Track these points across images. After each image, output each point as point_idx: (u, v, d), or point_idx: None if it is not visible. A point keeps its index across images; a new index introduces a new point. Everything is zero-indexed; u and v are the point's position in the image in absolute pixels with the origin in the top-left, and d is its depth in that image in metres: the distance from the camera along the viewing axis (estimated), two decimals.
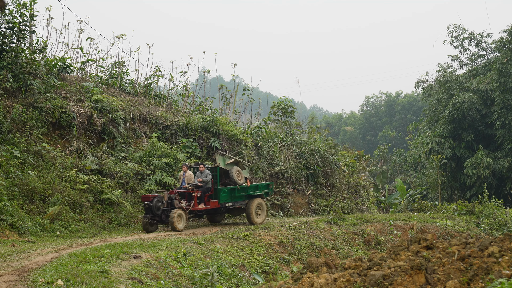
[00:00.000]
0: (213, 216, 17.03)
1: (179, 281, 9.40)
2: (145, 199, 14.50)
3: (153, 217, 14.45)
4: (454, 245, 6.45)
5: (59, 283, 7.52)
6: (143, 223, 14.51)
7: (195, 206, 15.26)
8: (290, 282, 6.88)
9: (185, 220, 14.72)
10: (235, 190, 16.18)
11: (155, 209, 14.40)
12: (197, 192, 15.32)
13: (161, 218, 14.57)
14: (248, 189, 16.48)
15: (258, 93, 55.11)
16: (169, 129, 21.29)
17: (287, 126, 26.59)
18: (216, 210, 16.20)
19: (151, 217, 14.40)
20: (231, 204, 16.20)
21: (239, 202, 16.43)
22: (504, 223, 20.37)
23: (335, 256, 14.58)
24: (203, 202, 15.48)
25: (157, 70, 24.89)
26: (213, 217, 17.09)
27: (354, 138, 67.02)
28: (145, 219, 14.41)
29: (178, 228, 14.40)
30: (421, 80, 36.12)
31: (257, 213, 16.45)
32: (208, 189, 15.63)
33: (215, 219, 17.17)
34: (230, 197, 16.13)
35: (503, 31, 31.65)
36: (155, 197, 14.48)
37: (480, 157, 28.95)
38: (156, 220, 14.55)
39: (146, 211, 14.48)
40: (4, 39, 18.00)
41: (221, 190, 15.86)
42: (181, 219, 14.59)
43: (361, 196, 26.36)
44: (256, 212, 16.36)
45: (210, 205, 15.61)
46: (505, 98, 29.56)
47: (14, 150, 15.23)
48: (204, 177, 15.50)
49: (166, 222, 14.61)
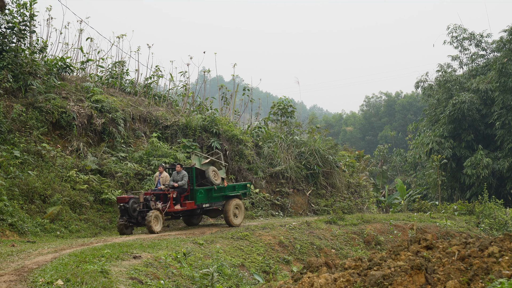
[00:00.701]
0: (189, 219, 16.39)
1: (179, 281, 9.40)
2: (121, 200, 13.95)
3: (129, 219, 13.90)
4: (454, 245, 6.45)
5: (59, 283, 7.52)
6: (118, 226, 13.96)
7: (171, 207, 14.69)
8: (290, 282, 6.88)
9: (161, 221, 14.27)
10: (212, 190, 15.64)
11: (131, 210, 13.85)
12: (173, 193, 14.75)
13: (137, 220, 14.01)
14: (225, 190, 15.96)
15: (258, 93, 55.12)
16: (169, 129, 21.29)
17: (287, 126, 26.59)
18: (193, 212, 15.65)
19: (127, 219, 13.86)
20: (208, 205, 15.65)
21: (216, 203, 15.87)
22: (504, 223, 20.38)
23: (335, 256, 14.58)
24: (179, 203, 14.94)
25: (157, 70, 24.92)
26: (189, 219, 16.42)
27: (354, 138, 67.03)
28: (121, 221, 13.83)
29: (155, 230, 13.87)
30: (421, 80, 36.14)
31: (235, 214, 15.90)
32: (184, 190, 15.08)
33: (192, 222, 16.47)
34: (207, 198, 15.57)
35: (503, 31, 31.69)
36: (131, 198, 13.92)
37: (480, 157, 28.96)
38: (132, 222, 14.00)
39: (122, 213, 13.90)
40: (4, 39, 18.00)
41: (198, 191, 15.30)
42: (157, 220, 14.08)
43: (361, 196, 26.37)
44: (234, 213, 15.81)
45: (187, 206, 15.02)
46: (505, 98, 29.57)
47: (14, 150, 15.23)
48: (180, 177, 14.95)
49: (142, 224, 14.09)
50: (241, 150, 22.04)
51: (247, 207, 20.24)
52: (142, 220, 14.00)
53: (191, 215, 16.09)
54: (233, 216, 15.79)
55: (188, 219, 16.38)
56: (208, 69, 29.06)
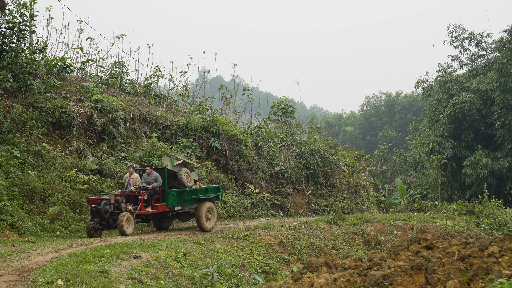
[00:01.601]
0: (160, 223, 15.67)
1: (179, 281, 9.40)
2: (92, 201, 13.38)
3: (100, 221, 13.34)
4: (454, 245, 6.45)
5: (59, 283, 7.52)
6: (87, 228, 13.29)
7: (142, 209, 14.10)
8: (290, 282, 6.88)
9: (133, 224, 13.71)
10: (184, 192, 14.99)
11: (103, 212, 13.28)
12: (144, 194, 14.10)
13: (108, 222, 13.46)
14: (198, 192, 15.27)
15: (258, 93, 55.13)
16: (169, 129, 21.29)
17: (287, 126, 26.60)
18: (164, 214, 14.94)
19: (98, 221, 13.28)
20: (180, 208, 15.00)
21: (189, 206, 15.20)
22: (504, 223, 20.38)
23: (335, 256, 14.58)
24: (151, 205, 14.35)
25: (157, 70, 24.92)
26: (160, 223, 15.69)
27: (354, 138, 67.03)
28: (92, 223, 13.19)
29: (127, 232, 13.34)
30: (421, 80, 36.16)
31: (208, 218, 15.17)
32: (156, 192, 14.49)
33: (162, 226, 15.70)
34: (178, 201, 14.94)
35: (503, 31, 31.69)
36: (102, 200, 13.39)
37: (479, 157, 28.98)
38: (103, 224, 13.43)
39: (93, 214, 13.30)
40: (4, 39, 18.00)
41: (169, 193, 14.67)
42: (129, 223, 13.53)
43: (361, 196, 26.37)
44: (206, 217, 15.09)
45: (158, 209, 14.43)
46: (505, 98, 29.57)
47: (14, 150, 15.23)
48: (153, 179, 14.39)
49: (113, 226, 13.55)
50: (241, 150, 22.05)
51: (246, 207, 20.24)
52: (113, 222, 13.45)
53: (162, 218, 15.37)
54: (206, 220, 15.06)
55: (159, 223, 15.69)
56: (208, 69, 29.12)
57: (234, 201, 19.82)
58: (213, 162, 21.07)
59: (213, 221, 15.36)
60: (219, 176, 20.56)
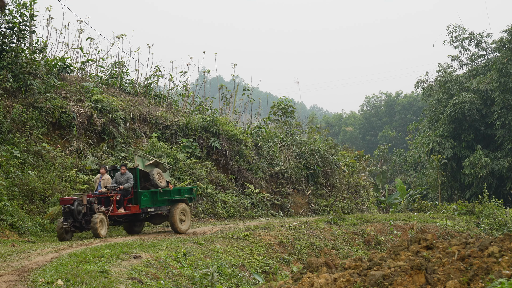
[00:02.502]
0: (131, 226, 14.97)
1: (179, 281, 9.40)
2: (65, 202, 12.78)
3: (73, 222, 12.79)
4: (454, 245, 6.45)
5: (59, 283, 7.52)
6: (59, 229, 12.66)
7: (115, 210, 13.60)
8: (290, 282, 6.88)
9: (106, 226, 13.23)
10: (157, 193, 14.51)
11: (76, 213, 12.74)
12: (116, 195, 13.61)
13: (81, 223, 12.92)
14: (171, 193, 14.79)
15: (258, 93, 55.14)
16: (169, 129, 21.30)
17: (287, 126, 26.61)
18: (137, 216, 14.39)
19: (72, 222, 12.73)
20: (153, 209, 14.47)
21: (162, 207, 14.69)
22: (504, 223, 20.38)
23: (335, 256, 14.58)
24: (123, 206, 13.85)
25: (157, 70, 24.93)
26: (131, 227, 14.98)
27: (354, 138, 67.04)
28: (65, 224, 12.60)
29: (101, 234, 12.85)
30: (421, 80, 36.17)
31: (181, 220, 14.62)
32: (128, 193, 13.99)
33: (133, 230, 14.98)
34: (151, 202, 14.43)
35: (503, 31, 31.70)
36: (75, 200, 12.85)
37: (478, 157, 28.99)
38: (76, 225, 12.89)
39: (65, 215, 12.70)
40: (4, 39, 18.01)
41: (142, 194, 14.21)
42: (103, 224, 13.03)
43: (361, 196, 26.38)
44: (180, 218, 14.56)
45: (131, 210, 13.93)
46: (505, 98, 29.58)
47: (14, 150, 15.24)
48: (125, 179, 13.91)
49: (86, 228, 13.05)
50: (241, 150, 22.05)
51: (246, 207, 20.25)
52: (86, 224, 12.95)
53: (135, 221, 14.79)
54: (180, 222, 14.53)
55: (130, 227, 14.98)
56: (208, 69, 29.14)
57: (234, 201, 19.82)
58: (213, 162, 21.09)
59: (187, 223, 14.82)
60: (219, 176, 20.57)
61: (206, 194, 19.26)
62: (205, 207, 18.81)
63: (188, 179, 18.98)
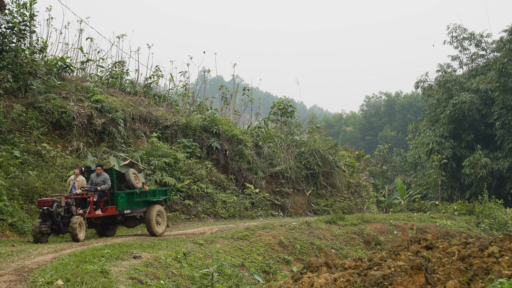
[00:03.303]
0: (103, 229, 14.41)
1: (179, 281, 9.41)
2: (44, 203, 12.28)
3: (52, 224, 12.29)
4: (454, 245, 6.45)
5: (59, 283, 7.52)
6: (35, 232, 12.10)
7: (92, 212, 13.06)
8: (290, 282, 6.88)
9: (85, 228, 12.73)
10: (133, 194, 14.03)
11: (55, 215, 12.24)
12: (93, 196, 13.08)
13: (59, 226, 12.40)
14: (147, 194, 14.36)
15: (258, 93, 55.16)
16: (169, 129, 21.30)
17: (287, 126, 26.62)
18: (114, 218, 13.90)
19: (50, 225, 12.23)
20: (130, 211, 13.98)
21: (138, 209, 14.19)
22: (504, 223, 20.39)
23: (335, 256, 14.58)
24: (100, 208, 13.35)
25: (157, 70, 24.94)
26: (103, 230, 14.42)
27: (354, 138, 67.04)
28: (43, 227, 12.09)
29: (80, 238, 12.30)
30: (421, 80, 36.17)
31: (158, 222, 14.19)
32: (104, 194, 13.48)
33: (106, 233, 14.41)
34: (128, 203, 13.95)
35: (503, 31, 31.70)
36: (54, 202, 12.33)
37: (478, 157, 29.00)
38: (54, 228, 12.38)
39: (43, 217, 12.20)
40: (4, 39, 18.01)
41: (119, 195, 13.73)
42: (81, 227, 12.50)
43: (361, 196, 26.38)
44: (156, 221, 14.11)
45: (108, 212, 13.46)
46: (505, 98, 29.59)
47: (14, 150, 15.24)
48: (101, 180, 13.42)
49: (64, 231, 12.52)
50: (241, 150, 22.06)
51: (246, 207, 20.25)
52: (64, 226, 12.44)
53: (110, 223, 14.32)
54: (156, 224, 14.08)
55: (103, 230, 14.43)
56: (208, 69, 29.14)
57: (234, 201, 19.83)
58: (213, 162, 21.09)
59: (163, 225, 14.42)
60: (219, 176, 20.58)
61: (206, 194, 19.26)
62: (205, 207, 18.81)
63: (188, 179, 18.98)
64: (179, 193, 18.33)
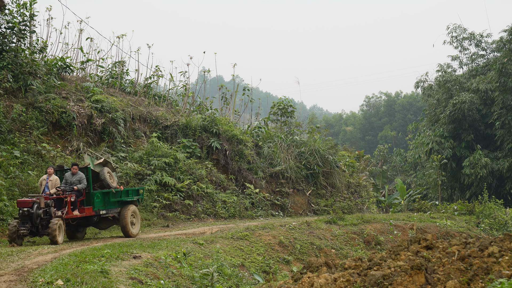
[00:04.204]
0: (73, 232, 13.68)
1: (179, 281, 9.41)
2: (24, 204, 11.67)
3: (31, 226, 11.65)
4: (454, 245, 6.45)
5: (59, 283, 7.52)
6: (12, 233, 11.55)
7: (70, 213, 12.45)
8: (290, 282, 6.88)
9: (63, 231, 12.13)
10: (109, 194, 13.49)
11: (35, 217, 11.62)
12: (70, 196, 12.47)
13: (37, 228, 11.76)
14: (122, 194, 13.82)
15: (258, 93, 55.16)
16: (169, 129, 21.30)
17: (287, 126, 26.62)
18: (89, 219, 13.30)
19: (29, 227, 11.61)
20: (105, 211, 13.40)
21: (112, 209, 13.61)
22: (504, 223, 20.39)
23: (335, 256, 14.58)
24: (77, 208, 12.74)
25: (157, 70, 24.95)
26: (73, 232, 13.71)
27: (354, 138, 67.04)
28: (22, 229, 11.52)
29: (59, 241, 11.68)
30: (421, 80, 36.18)
31: (132, 223, 13.66)
32: (81, 194, 12.88)
33: (75, 236, 13.76)
34: (103, 203, 13.40)
35: (503, 31, 31.70)
36: (34, 203, 11.73)
37: (478, 157, 29.00)
38: (32, 230, 11.74)
39: (23, 219, 11.56)
40: (4, 39, 18.01)
41: (95, 195, 13.16)
42: (61, 230, 11.87)
43: (361, 196, 26.39)
44: (131, 222, 13.59)
45: (85, 212, 12.86)
46: (505, 98, 29.59)
47: (14, 150, 15.24)
48: (77, 180, 12.83)
49: (42, 233, 11.87)
50: (241, 150, 22.06)
51: (246, 207, 20.25)
52: (43, 228, 11.79)
53: (86, 225, 13.72)
54: (131, 225, 13.56)
55: (72, 232, 13.68)
56: (208, 69, 29.16)
57: (234, 201, 19.83)
58: (213, 162, 21.09)
59: (138, 226, 13.93)
60: (219, 176, 20.58)
61: (206, 194, 19.26)
62: (205, 207, 18.81)
63: (188, 179, 18.98)
64: (179, 193, 18.33)
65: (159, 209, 17.48)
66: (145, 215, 16.88)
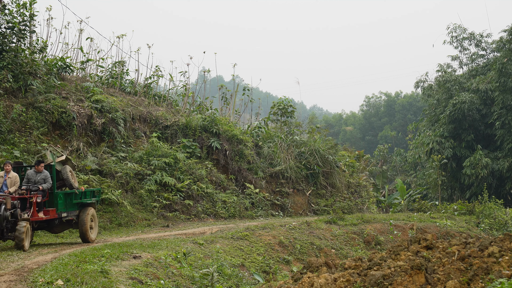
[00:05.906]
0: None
1: (179, 281, 9.41)
2: None
3: None
4: (454, 245, 6.45)
5: (59, 283, 7.53)
6: None
7: (35, 215, 11.35)
8: (290, 282, 6.88)
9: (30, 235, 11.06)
10: (72, 195, 12.43)
11: (2, 220, 10.53)
12: (36, 196, 11.39)
13: (2, 232, 10.68)
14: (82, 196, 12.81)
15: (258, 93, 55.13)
16: (169, 129, 21.30)
17: (287, 126, 26.62)
18: (50, 223, 12.15)
19: None
20: (66, 214, 12.34)
21: (72, 212, 12.57)
22: (504, 223, 20.38)
23: (335, 256, 14.58)
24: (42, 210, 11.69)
25: (157, 70, 24.96)
26: None
27: (354, 138, 67.02)
28: None
29: (26, 246, 10.61)
30: (421, 80, 36.16)
31: (91, 226, 12.67)
32: (44, 194, 11.76)
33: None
34: (65, 205, 12.32)
35: (503, 31, 31.68)
36: (1, 204, 10.65)
37: (479, 157, 29.00)
38: None
39: None
40: (4, 39, 18.00)
41: (58, 196, 12.01)
42: (28, 234, 10.79)
43: (361, 196, 26.38)
44: (90, 225, 12.58)
45: (50, 214, 11.72)
46: (505, 98, 29.58)
47: (14, 150, 15.23)
48: (42, 178, 11.80)
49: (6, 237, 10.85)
50: (241, 150, 22.06)
51: (246, 207, 20.24)
52: (7, 232, 10.75)
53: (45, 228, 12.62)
54: (89, 229, 12.55)
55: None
56: (208, 69, 29.16)
57: (234, 201, 19.83)
58: (213, 162, 21.09)
59: (96, 230, 13.02)
60: (219, 176, 20.58)
61: (206, 194, 19.26)
62: (205, 207, 18.81)
63: (188, 179, 18.98)
64: (179, 193, 18.34)
65: (159, 209, 17.48)
66: (145, 215, 16.90)
